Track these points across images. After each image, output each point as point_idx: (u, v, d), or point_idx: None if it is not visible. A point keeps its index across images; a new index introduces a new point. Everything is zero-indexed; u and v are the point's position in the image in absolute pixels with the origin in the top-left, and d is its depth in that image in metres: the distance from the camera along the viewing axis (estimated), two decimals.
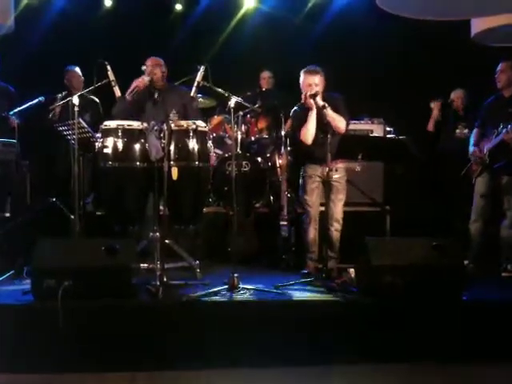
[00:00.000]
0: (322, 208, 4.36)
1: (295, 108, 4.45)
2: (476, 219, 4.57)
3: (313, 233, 4.30)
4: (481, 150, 4.56)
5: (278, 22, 6.30)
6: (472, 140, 4.72)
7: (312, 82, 4.19)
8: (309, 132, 4.20)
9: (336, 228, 4.25)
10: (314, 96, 4.13)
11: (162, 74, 4.46)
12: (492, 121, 4.52)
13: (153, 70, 4.38)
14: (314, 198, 4.29)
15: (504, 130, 4.31)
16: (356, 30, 6.08)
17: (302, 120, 4.28)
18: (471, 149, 4.67)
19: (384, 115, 5.38)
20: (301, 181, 4.39)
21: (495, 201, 4.53)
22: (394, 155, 4.73)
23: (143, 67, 4.27)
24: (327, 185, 4.23)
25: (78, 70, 5.49)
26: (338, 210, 4.27)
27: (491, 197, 4.53)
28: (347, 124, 4.27)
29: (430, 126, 5.76)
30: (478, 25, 4.74)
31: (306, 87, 4.22)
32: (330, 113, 4.10)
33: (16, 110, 4.71)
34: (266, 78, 6.05)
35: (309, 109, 4.21)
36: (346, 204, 4.53)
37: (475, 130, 4.72)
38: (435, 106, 5.71)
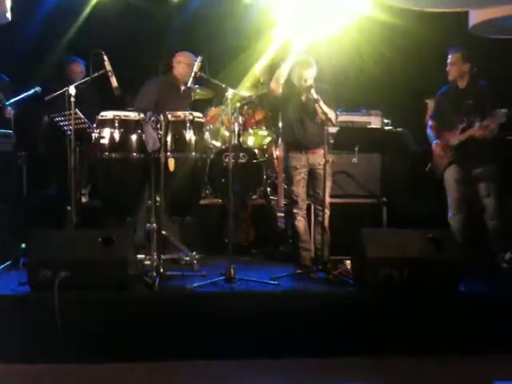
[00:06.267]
0: None
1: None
2: (454, 213, 4.46)
3: (303, 223, 4.31)
4: (445, 145, 4.46)
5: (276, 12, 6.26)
6: (431, 134, 4.60)
7: (307, 76, 4.20)
8: (278, 80, 4.20)
9: (327, 214, 4.24)
10: (308, 88, 4.13)
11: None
12: (450, 113, 4.45)
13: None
14: (300, 189, 4.29)
15: (476, 125, 4.25)
16: (354, 21, 6.04)
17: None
18: (433, 144, 4.54)
19: (381, 107, 5.37)
20: (286, 170, 4.37)
21: (469, 190, 4.43)
22: (392, 147, 4.72)
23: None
24: (314, 173, 4.23)
25: (81, 61, 5.29)
26: (327, 196, 4.25)
27: (464, 188, 4.43)
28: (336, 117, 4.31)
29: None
30: (477, 16, 4.72)
31: (299, 79, 4.22)
32: (323, 106, 4.11)
33: (12, 101, 4.68)
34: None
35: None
36: (343, 196, 4.53)
37: (431, 123, 4.62)
38: (431, 102, 5.68)
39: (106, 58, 4.07)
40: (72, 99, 3.99)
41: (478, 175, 4.38)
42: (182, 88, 4.49)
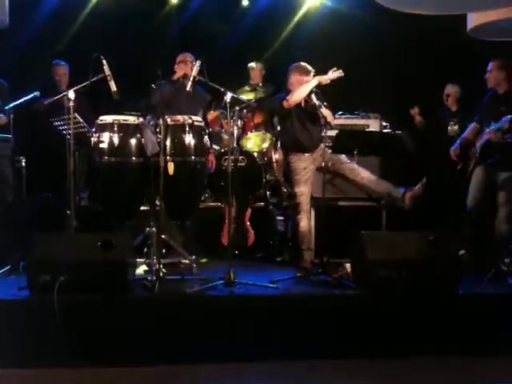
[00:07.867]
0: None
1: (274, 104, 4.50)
2: (470, 212, 4.59)
3: (306, 223, 4.30)
4: (471, 146, 4.58)
5: (275, 16, 6.29)
6: (463, 134, 4.74)
7: (306, 82, 4.23)
8: (300, 94, 4.20)
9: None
10: (309, 94, 4.17)
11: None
12: (486, 117, 4.53)
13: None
14: (307, 189, 4.30)
15: (487, 130, 4.36)
16: (352, 25, 6.07)
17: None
18: (455, 144, 4.71)
19: (380, 110, 5.38)
20: (291, 173, 4.35)
21: (489, 195, 4.54)
22: (390, 150, 4.73)
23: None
24: (325, 166, 4.23)
25: (64, 64, 5.39)
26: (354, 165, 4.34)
27: (485, 190, 4.55)
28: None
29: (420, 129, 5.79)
30: (475, 19, 4.74)
31: (299, 86, 4.23)
32: (324, 111, 4.15)
33: (11, 105, 4.68)
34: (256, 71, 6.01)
35: None
36: (343, 198, 4.54)
37: (473, 125, 4.72)
38: (414, 112, 5.74)
39: (104, 62, 4.07)
40: (71, 103, 3.98)
41: (499, 181, 4.47)
42: (188, 89, 4.45)
